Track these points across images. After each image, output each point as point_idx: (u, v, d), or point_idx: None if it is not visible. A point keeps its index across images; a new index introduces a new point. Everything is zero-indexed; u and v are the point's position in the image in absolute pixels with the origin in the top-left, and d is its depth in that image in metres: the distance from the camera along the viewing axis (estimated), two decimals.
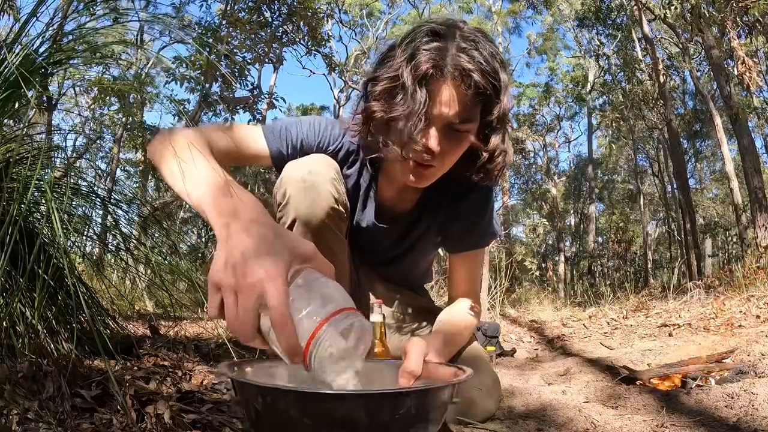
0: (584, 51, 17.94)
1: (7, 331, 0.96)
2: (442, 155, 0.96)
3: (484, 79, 0.90)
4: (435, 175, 1.01)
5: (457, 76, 0.89)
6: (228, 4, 8.63)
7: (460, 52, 0.90)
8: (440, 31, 0.93)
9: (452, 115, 0.92)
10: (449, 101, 0.91)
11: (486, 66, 0.90)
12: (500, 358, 2.47)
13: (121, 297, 1.64)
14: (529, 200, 22.75)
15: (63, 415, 0.80)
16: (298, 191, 1.03)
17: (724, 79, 8.30)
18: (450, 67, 0.89)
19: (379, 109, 0.95)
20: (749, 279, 4.15)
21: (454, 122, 0.93)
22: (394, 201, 1.20)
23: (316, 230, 1.05)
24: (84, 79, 4.03)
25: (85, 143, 5.71)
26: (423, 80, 0.90)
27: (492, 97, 0.92)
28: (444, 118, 0.92)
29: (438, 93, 0.91)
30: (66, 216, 1.20)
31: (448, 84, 0.90)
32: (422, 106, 0.89)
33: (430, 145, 0.93)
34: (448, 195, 1.18)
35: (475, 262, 1.26)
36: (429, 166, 0.98)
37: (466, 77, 0.89)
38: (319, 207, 1.03)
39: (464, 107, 0.92)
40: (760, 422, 0.99)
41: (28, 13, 1.24)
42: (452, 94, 0.91)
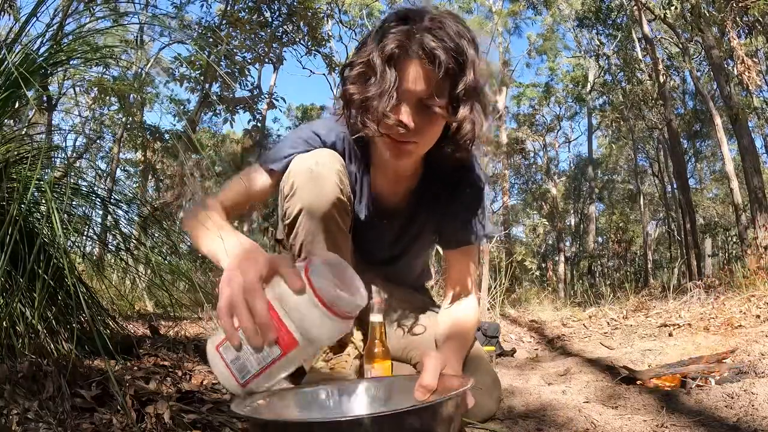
0: (584, 51, 17.94)
1: (7, 331, 0.96)
2: (417, 131, 1.01)
3: (448, 56, 0.95)
4: (415, 152, 1.06)
5: (422, 54, 0.95)
6: (228, 4, 8.63)
7: (425, 32, 0.95)
8: (408, 15, 0.99)
9: (420, 91, 0.97)
10: (416, 78, 0.97)
11: (450, 43, 0.95)
12: (500, 358, 2.47)
13: (121, 297, 1.64)
14: (529, 200, 22.75)
15: (63, 415, 0.80)
16: (305, 182, 1.07)
17: (724, 79, 8.30)
18: (415, 47, 0.95)
19: (355, 91, 1.00)
20: (749, 279, 4.15)
21: (423, 98, 0.98)
22: (389, 193, 1.24)
23: (321, 220, 1.09)
24: (84, 79, 4.02)
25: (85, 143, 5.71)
26: (391, 60, 0.96)
27: (457, 72, 0.97)
28: (413, 95, 0.98)
29: (406, 71, 0.97)
30: (66, 216, 1.20)
31: (415, 62, 0.96)
32: (392, 84, 0.95)
33: (403, 119, 0.98)
34: (442, 189, 1.21)
35: (471, 258, 1.28)
36: (407, 142, 1.03)
37: (430, 55, 0.94)
38: (325, 197, 1.07)
39: (431, 83, 0.97)
40: (760, 422, 0.99)
41: (28, 13, 1.24)
42: (419, 71, 0.96)
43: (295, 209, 1.10)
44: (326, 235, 1.12)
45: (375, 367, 1.12)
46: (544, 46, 19.91)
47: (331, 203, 1.08)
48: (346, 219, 1.15)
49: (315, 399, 0.80)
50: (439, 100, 0.98)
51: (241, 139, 16.63)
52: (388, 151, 1.05)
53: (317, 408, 0.79)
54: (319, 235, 1.12)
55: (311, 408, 0.79)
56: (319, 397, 0.80)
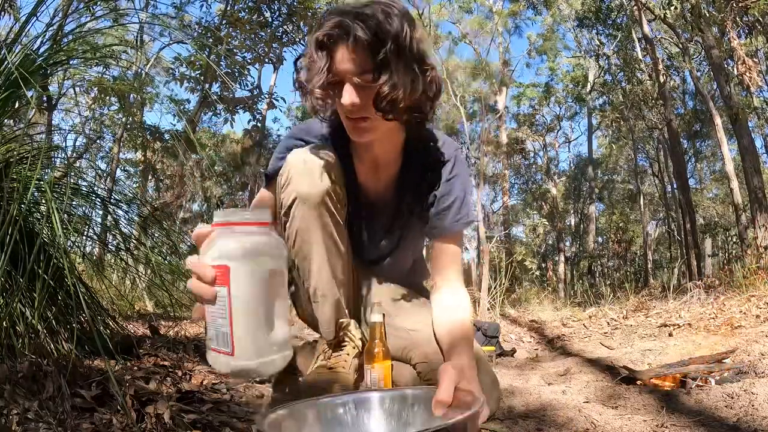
0: (584, 51, 17.93)
1: (7, 331, 0.96)
2: (363, 107, 1.08)
3: (365, 32, 1.03)
4: (371, 127, 1.13)
5: (344, 35, 1.05)
6: (228, 4, 8.63)
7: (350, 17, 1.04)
8: (339, 9, 1.08)
9: (351, 69, 1.06)
10: (345, 58, 1.06)
11: (371, 21, 1.03)
12: (500, 358, 2.47)
13: (121, 297, 1.64)
14: (529, 200, 22.74)
15: (63, 415, 0.80)
16: (299, 172, 1.15)
17: (724, 79, 8.30)
18: (340, 31, 1.05)
19: (303, 78, 1.12)
20: (749, 279, 4.15)
21: (357, 75, 1.06)
22: (373, 183, 1.30)
23: (315, 207, 1.15)
24: (84, 79, 4.02)
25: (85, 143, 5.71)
26: (322, 46, 1.07)
27: (377, 45, 1.04)
28: (347, 73, 1.06)
29: (335, 54, 1.07)
30: (66, 216, 1.20)
31: (341, 45, 1.06)
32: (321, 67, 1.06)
33: (345, 100, 1.06)
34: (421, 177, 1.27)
35: (457, 246, 1.32)
36: (360, 119, 1.11)
37: (350, 35, 1.04)
38: (318, 187, 1.14)
39: (358, 60, 1.05)
40: (760, 422, 0.99)
41: (28, 13, 1.24)
42: (345, 51, 1.06)
43: (290, 198, 1.16)
44: (320, 223, 1.17)
45: (375, 367, 1.12)
46: (544, 46, 19.91)
47: (324, 191, 1.15)
48: (340, 209, 1.20)
49: (334, 415, 0.81)
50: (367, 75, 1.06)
51: (241, 139, 16.62)
52: (350, 132, 1.14)
53: (337, 425, 0.80)
54: (314, 222, 1.17)
55: (331, 426, 0.80)
56: (337, 412, 0.82)
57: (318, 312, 1.27)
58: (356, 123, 1.12)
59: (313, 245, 1.20)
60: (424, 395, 0.84)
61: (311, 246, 1.20)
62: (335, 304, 1.27)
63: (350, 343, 1.29)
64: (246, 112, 9.55)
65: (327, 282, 1.23)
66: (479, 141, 18.14)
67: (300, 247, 1.21)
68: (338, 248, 1.23)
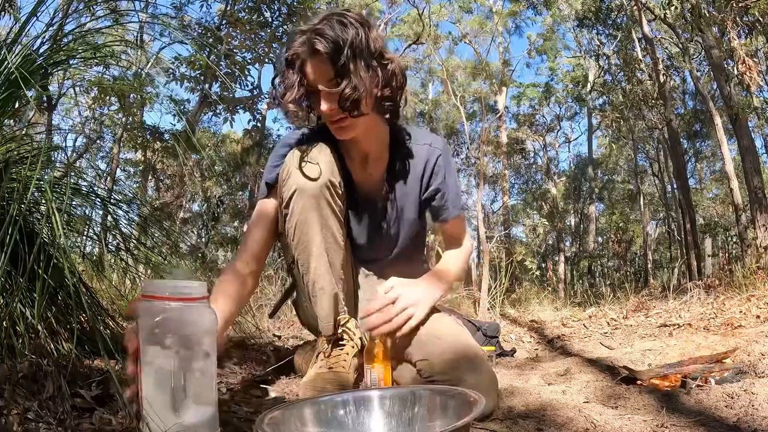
0: (584, 51, 17.92)
1: (7, 331, 0.96)
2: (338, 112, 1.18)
3: (325, 45, 1.14)
4: (351, 126, 1.23)
5: (310, 52, 1.17)
6: (228, 4, 8.63)
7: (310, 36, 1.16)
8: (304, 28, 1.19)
9: (321, 80, 1.17)
10: (311, 71, 1.18)
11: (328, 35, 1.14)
12: (500, 358, 2.47)
13: (121, 297, 1.64)
14: (529, 200, 22.74)
15: (63, 415, 0.80)
16: (298, 167, 1.22)
17: (724, 79, 8.30)
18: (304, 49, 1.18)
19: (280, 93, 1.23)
20: (749, 279, 4.15)
21: (324, 84, 1.17)
22: (364, 176, 1.37)
23: (313, 198, 1.21)
24: (84, 79, 4.02)
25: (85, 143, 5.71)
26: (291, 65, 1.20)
27: (336, 54, 1.15)
28: (317, 83, 1.18)
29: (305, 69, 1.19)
30: (66, 216, 1.20)
31: (307, 60, 1.18)
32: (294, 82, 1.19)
33: (322, 108, 1.19)
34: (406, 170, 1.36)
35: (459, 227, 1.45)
36: (340, 120, 1.21)
37: (314, 50, 1.16)
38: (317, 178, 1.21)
39: (321, 71, 1.17)
40: (760, 422, 0.99)
41: (28, 13, 1.24)
42: (311, 65, 1.18)
43: (289, 192, 1.21)
44: (318, 214, 1.22)
45: (375, 367, 1.12)
46: (544, 46, 19.91)
47: (322, 183, 1.21)
48: (339, 202, 1.26)
49: (334, 415, 0.82)
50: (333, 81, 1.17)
51: (241, 139, 16.62)
52: (334, 132, 1.26)
53: (336, 425, 0.80)
54: (312, 213, 1.22)
55: (331, 425, 0.80)
56: (338, 412, 0.82)
57: (317, 307, 1.28)
58: (337, 124, 1.23)
59: (312, 237, 1.23)
60: (424, 395, 0.84)
61: (310, 238, 1.23)
62: (334, 298, 1.27)
63: (349, 341, 1.30)
64: (246, 112, 9.54)
65: (325, 275, 1.25)
66: (479, 141, 18.13)
67: (299, 240, 1.24)
68: (337, 242, 1.27)
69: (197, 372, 0.70)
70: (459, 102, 17.61)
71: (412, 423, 0.81)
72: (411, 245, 1.47)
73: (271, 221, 1.32)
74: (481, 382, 1.10)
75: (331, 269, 1.26)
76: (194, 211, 18.63)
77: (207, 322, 0.72)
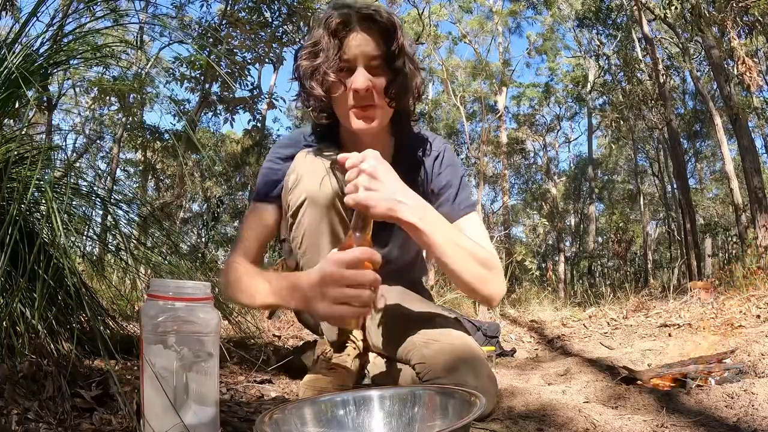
0: (584, 51, 17.93)
1: (7, 331, 0.96)
2: (374, 92, 1.11)
3: (383, 19, 1.08)
4: (378, 116, 1.15)
5: (362, 20, 1.09)
6: (228, 4, 8.63)
7: (361, 7, 1.09)
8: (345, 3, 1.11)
9: (367, 51, 1.09)
10: (361, 42, 1.09)
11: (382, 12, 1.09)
12: (500, 358, 2.47)
13: (121, 297, 1.64)
14: (529, 200, 22.75)
15: (63, 415, 0.80)
16: (308, 172, 1.16)
17: (724, 79, 8.30)
18: (355, 17, 1.09)
19: (306, 65, 1.12)
20: (749, 279, 4.15)
21: (371, 56, 1.10)
22: None
23: (324, 208, 1.16)
24: (84, 79, 4.03)
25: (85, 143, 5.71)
26: (335, 34, 1.09)
27: (392, 32, 1.09)
28: (363, 57, 1.09)
29: (351, 39, 1.09)
30: (66, 216, 1.20)
31: (357, 29, 1.09)
32: (336, 50, 1.08)
33: (358, 84, 1.08)
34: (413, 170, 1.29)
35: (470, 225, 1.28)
36: (368, 106, 1.13)
37: (369, 20, 1.08)
38: (327, 186, 1.15)
39: (374, 44, 1.09)
40: (760, 422, 0.99)
41: (28, 13, 1.24)
42: (362, 35, 1.09)
43: (299, 200, 1.17)
44: (328, 224, 1.18)
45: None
46: (544, 46, 19.91)
47: (334, 192, 1.15)
48: (348, 209, 1.18)
49: (334, 415, 0.81)
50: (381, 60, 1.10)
51: (241, 139, 16.62)
52: (356, 120, 1.14)
53: (336, 425, 0.80)
54: (322, 223, 1.18)
55: (331, 425, 0.80)
56: (338, 412, 0.82)
57: None
58: (363, 110, 1.13)
59: (322, 248, 1.19)
60: (424, 395, 0.84)
61: (320, 248, 1.19)
62: None
63: (351, 344, 1.30)
64: (246, 112, 9.55)
65: None
66: (479, 141, 18.13)
67: (307, 249, 1.21)
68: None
69: (200, 372, 0.70)
70: (459, 102, 17.61)
71: (412, 423, 0.81)
72: (414, 249, 1.45)
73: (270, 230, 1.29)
74: (481, 382, 1.10)
75: None
76: (194, 211, 18.63)
77: (211, 323, 0.72)
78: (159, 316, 0.68)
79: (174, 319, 0.69)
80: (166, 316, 0.69)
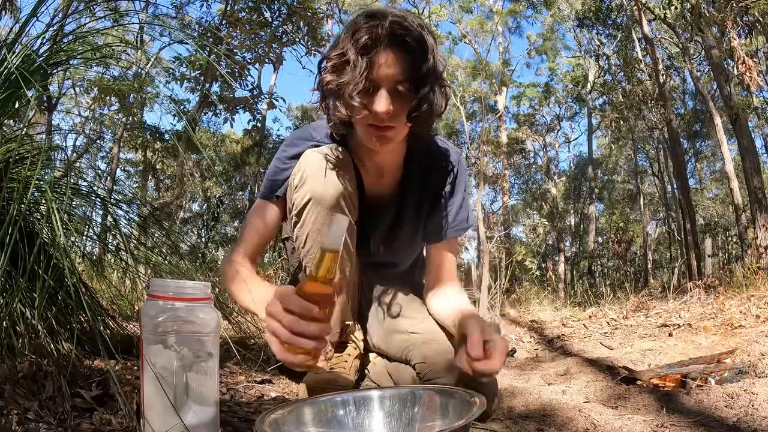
0: (584, 51, 17.93)
1: (7, 331, 0.96)
2: (395, 115, 1.06)
3: (414, 41, 1.02)
4: (395, 137, 1.11)
5: (392, 41, 1.02)
6: (228, 4, 8.63)
7: (392, 24, 1.02)
8: (375, 13, 1.05)
9: (394, 74, 1.03)
10: (389, 63, 1.03)
11: (414, 31, 1.03)
12: None
13: (121, 297, 1.64)
14: (529, 200, 22.74)
15: (63, 415, 0.80)
16: (314, 172, 1.14)
17: (724, 79, 8.30)
18: (385, 36, 1.02)
19: (331, 80, 1.06)
20: (749, 279, 4.15)
21: (398, 80, 1.04)
22: (375, 187, 1.30)
23: (329, 209, 1.14)
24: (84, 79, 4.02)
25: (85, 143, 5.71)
26: (364, 50, 1.02)
27: (421, 55, 1.04)
28: (388, 79, 1.03)
29: (379, 58, 1.03)
30: (66, 216, 1.20)
31: (385, 50, 1.03)
32: (363, 71, 1.01)
33: (380, 107, 1.03)
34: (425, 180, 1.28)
35: (455, 249, 1.35)
36: (387, 127, 1.08)
37: (399, 40, 1.02)
38: (333, 187, 1.14)
39: (402, 67, 1.04)
40: (760, 422, 0.99)
41: (28, 14, 1.24)
42: (390, 56, 1.03)
43: (304, 199, 1.15)
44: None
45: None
46: (544, 46, 19.91)
47: (339, 193, 1.14)
48: (353, 210, 1.20)
49: (334, 415, 0.81)
50: (407, 83, 1.05)
51: (241, 139, 16.62)
52: (371, 138, 1.11)
53: (336, 425, 0.80)
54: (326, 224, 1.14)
55: (331, 425, 0.80)
56: (338, 412, 0.82)
57: None
58: (382, 131, 1.08)
59: None
60: (424, 395, 0.84)
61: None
62: (342, 307, 1.27)
63: (352, 344, 1.30)
64: (246, 112, 9.55)
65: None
66: (479, 141, 18.13)
67: (311, 249, 1.20)
68: (349, 250, 1.23)
69: (200, 372, 0.70)
70: (459, 102, 17.61)
71: (412, 423, 0.81)
72: (416, 253, 1.46)
73: (273, 229, 1.27)
74: (481, 382, 1.09)
75: (341, 278, 1.23)
76: (194, 211, 18.63)
77: (211, 323, 0.72)
78: (159, 316, 0.68)
79: (174, 319, 0.69)
80: (166, 316, 0.69)
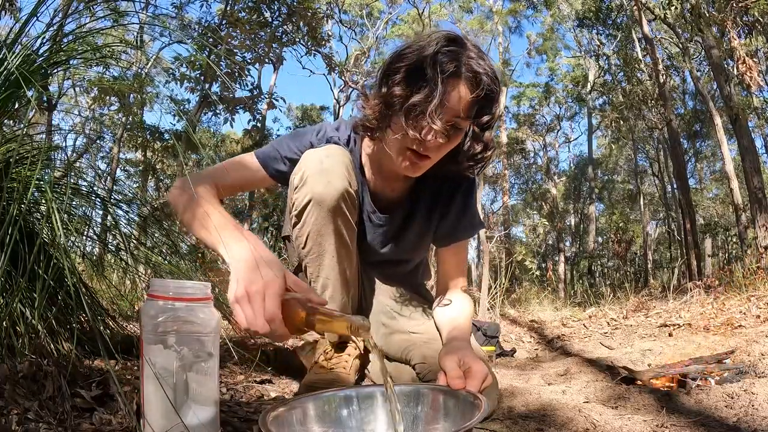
0: (584, 51, 17.93)
1: (7, 331, 0.96)
2: (438, 147, 1.05)
3: (487, 84, 1.01)
4: (427, 166, 1.10)
5: (471, 77, 1.01)
6: (228, 4, 8.62)
7: (471, 58, 1.01)
8: (456, 38, 1.03)
9: (460, 110, 1.02)
10: (460, 98, 1.01)
11: (491, 73, 1.01)
12: (500, 358, 2.47)
13: (121, 297, 1.64)
14: (529, 200, 22.74)
15: (63, 415, 0.80)
16: (315, 173, 1.12)
17: (724, 79, 8.30)
18: (465, 69, 1.00)
19: (402, 94, 1.02)
20: (749, 279, 4.15)
21: (460, 116, 1.02)
22: (386, 190, 1.29)
23: (329, 211, 1.13)
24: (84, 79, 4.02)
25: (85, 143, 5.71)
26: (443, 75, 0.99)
27: (493, 99, 1.03)
28: (452, 113, 1.01)
29: (452, 89, 1.00)
30: (66, 216, 1.20)
31: (462, 83, 1.01)
32: (440, 97, 0.98)
33: (428, 138, 1.01)
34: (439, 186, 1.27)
35: (465, 252, 1.35)
36: (424, 157, 1.07)
37: (477, 79, 1.00)
38: (334, 188, 1.12)
39: (470, 105, 1.02)
40: (760, 422, 0.99)
41: (28, 13, 1.24)
42: (464, 92, 1.01)
43: (304, 200, 1.14)
44: (333, 227, 1.16)
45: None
46: (544, 45, 19.91)
47: (339, 194, 1.13)
48: (353, 211, 1.19)
49: (338, 413, 0.81)
50: (468, 122, 1.04)
51: (241, 139, 16.62)
52: (405, 162, 1.08)
53: (340, 424, 0.80)
54: (327, 226, 1.15)
55: (334, 423, 0.80)
56: (341, 411, 0.82)
57: None
58: (419, 159, 1.07)
59: (326, 249, 1.18)
60: (427, 394, 0.84)
61: (324, 250, 1.19)
62: (342, 308, 1.27)
63: (352, 344, 1.30)
64: (246, 112, 9.55)
65: (336, 284, 1.22)
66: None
67: (311, 249, 1.20)
68: (349, 251, 1.23)
69: (200, 372, 0.70)
70: None
71: (416, 422, 0.81)
72: (419, 254, 1.46)
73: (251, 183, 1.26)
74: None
75: (340, 279, 1.23)
76: None
77: (211, 323, 0.72)
78: (159, 316, 0.68)
79: (174, 319, 0.69)
80: (166, 316, 0.69)
